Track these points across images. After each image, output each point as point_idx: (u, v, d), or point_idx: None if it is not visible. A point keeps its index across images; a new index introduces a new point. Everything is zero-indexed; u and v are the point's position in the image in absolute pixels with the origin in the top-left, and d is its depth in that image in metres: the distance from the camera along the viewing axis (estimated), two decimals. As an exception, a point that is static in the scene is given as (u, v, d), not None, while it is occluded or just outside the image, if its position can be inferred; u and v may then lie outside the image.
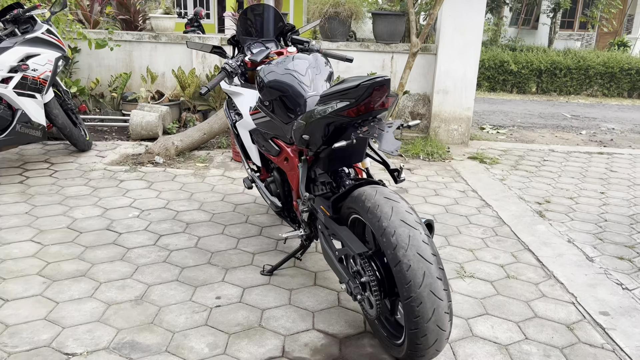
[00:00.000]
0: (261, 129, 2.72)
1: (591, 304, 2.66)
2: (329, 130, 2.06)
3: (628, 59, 11.41)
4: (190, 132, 5.13)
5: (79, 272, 2.74)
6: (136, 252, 3.00)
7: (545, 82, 11.29)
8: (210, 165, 4.76)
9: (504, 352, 2.24)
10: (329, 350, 2.20)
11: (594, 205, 4.20)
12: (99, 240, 3.13)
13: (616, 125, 7.94)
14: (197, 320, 2.37)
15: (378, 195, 1.97)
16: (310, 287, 2.70)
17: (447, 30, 5.69)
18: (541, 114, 8.76)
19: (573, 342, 2.33)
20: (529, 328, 2.43)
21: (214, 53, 3.12)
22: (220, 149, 5.34)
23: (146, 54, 6.26)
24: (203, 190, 4.08)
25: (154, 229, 3.33)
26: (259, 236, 3.28)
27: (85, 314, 2.38)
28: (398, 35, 5.97)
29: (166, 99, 6.03)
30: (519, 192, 4.44)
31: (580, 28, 21.24)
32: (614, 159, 5.76)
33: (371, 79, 1.77)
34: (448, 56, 5.76)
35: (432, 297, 1.80)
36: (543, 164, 5.44)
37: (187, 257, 2.97)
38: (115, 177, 4.25)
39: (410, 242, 1.82)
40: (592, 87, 11.40)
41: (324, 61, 2.67)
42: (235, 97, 2.98)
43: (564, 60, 11.19)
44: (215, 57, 6.17)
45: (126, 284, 2.66)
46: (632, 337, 2.38)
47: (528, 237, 3.46)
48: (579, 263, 3.11)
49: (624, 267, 3.09)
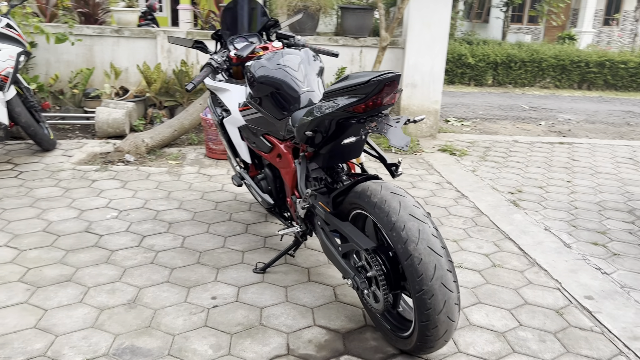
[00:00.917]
0: (252, 126, 2.68)
1: (575, 289, 2.77)
2: (334, 127, 2.06)
3: (577, 51, 11.88)
4: (161, 129, 5.01)
5: (63, 277, 2.64)
6: (121, 254, 2.91)
7: (501, 75, 11.61)
8: (184, 162, 4.66)
9: (502, 339, 2.30)
10: (333, 346, 2.20)
11: (563, 193, 4.36)
12: (79, 243, 3.02)
13: (572, 116, 8.26)
14: (195, 321, 2.33)
15: (384, 191, 1.98)
16: (305, 284, 2.69)
17: (414, 25, 5.76)
18: (501, 105, 9.01)
19: (564, 327, 2.42)
20: (522, 315, 2.50)
21: (195, 48, 3.05)
22: (192, 145, 5.24)
23: (108, 49, 6.05)
24: (180, 188, 4.00)
25: (136, 229, 3.23)
26: (246, 234, 3.25)
27: (78, 320, 2.30)
28: (366, 29, 6.00)
29: (131, 95, 5.86)
30: (491, 182, 4.56)
31: (529, 22, 21.95)
32: (574, 149, 5.99)
33: (381, 74, 1.78)
34: (416, 50, 5.83)
35: (443, 289, 1.83)
36: (509, 154, 5.61)
37: (175, 257, 2.91)
38: (86, 177, 4.11)
39: (420, 236, 1.84)
40: (545, 79, 11.80)
41: (314, 56, 2.66)
42: (221, 93, 2.92)
43: (519, 53, 11.54)
44: (182, 52, 6.04)
45: (116, 287, 2.58)
46: (618, 319, 2.49)
47: (507, 226, 3.56)
48: (558, 250, 3.23)
49: (600, 253, 3.23)
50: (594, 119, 8.10)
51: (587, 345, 2.28)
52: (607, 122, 7.95)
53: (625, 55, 11.85)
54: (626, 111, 9.01)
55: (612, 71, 11.73)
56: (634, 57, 11.77)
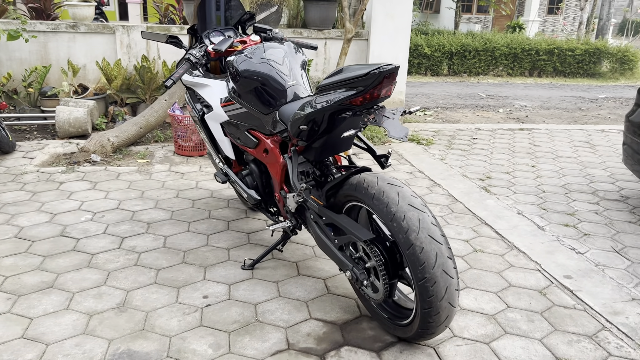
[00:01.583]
0: (236, 121, 2.65)
1: (554, 269, 2.88)
2: (329, 120, 2.06)
3: (528, 40, 12.26)
4: (126, 127, 4.87)
5: (45, 284, 2.55)
6: (102, 258, 2.82)
7: (456, 64, 11.86)
8: (153, 160, 4.55)
9: (493, 321, 2.37)
10: (332, 338, 2.22)
11: (530, 178, 4.51)
12: (56, 248, 2.91)
13: (527, 103, 8.54)
14: (190, 322, 2.29)
15: (381, 182, 2.00)
16: (295, 278, 2.69)
17: (378, 16, 5.80)
18: (459, 94, 9.21)
19: (549, 306, 2.52)
20: (508, 297, 2.59)
21: (169, 43, 2.99)
22: (158, 142, 5.13)
23: (64, 45, 5.83)
24: (153, 187, 3.91)
25: (114, 231, 3.15)
26: (228, 231, 3.21)
27: (67, 327, 2.22)
28: (330, 21, 6.00)
29: (91, 93, 5.67)
30: (461, 170, 4.67)
31: (478, 12, 22.49)
32: (534, 134, 6.20)
33: (380, 67, 1.79)
34: (380, 41, 5.89)
35: (445, 276, 1.87)
36: (474, 142, 5.75)
37: (159, 258, 2.85)
38: (52, 180, 3.96)
39: (420, 225, 1.87)
40: (498, 68, 12.13)
41: (296, 49, 2.65)
42: (200, 89, 2.87)
43: (473, 42, 11.81)
44: (142, 47, 5.88)
45: (102, 291, 2.50)
46: (597, 296, 2.61)
47: (482, 212, 3.66)
48: (533, 233, 3.34)
49: (572, 233, 3.37)
50: (548, 105, 8.40)
51: (572, 323, 2.38)
52: (561, 107, 8.26)
53: (572, 43, 12.31)
54: (577, 97, 9.39)
55: (561, 58, 12.17)
56: (580, 45, 12.25)
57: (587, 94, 9.81)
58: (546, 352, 2.16)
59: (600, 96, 9.53)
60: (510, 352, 2.16)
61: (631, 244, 3.22)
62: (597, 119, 7.44)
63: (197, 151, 4.69)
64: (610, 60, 12.54)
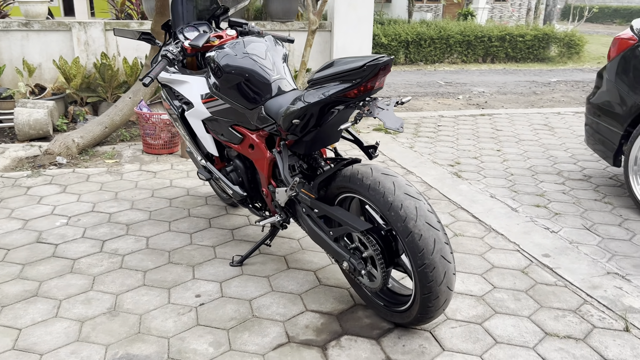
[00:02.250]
0: (219, 117, 2.62)
1: (532, 249, 2.99)
2: (322, 113, 2.07)
3: (480, 27, 12.56)
4: (91, 127, 4.73)
5: (28, 293, 2.46)
6: (85, 262, 2.75)
7: (413, 53, 12.03)
8: (122, 160, 4.45)
9: (482, 302, 2.46)
10: (331, 328, 2.24)
11: (497, 162, 4.65)
12: (34, 255, 2.82)
13: (485, 89, 8.77)
14: (186, 322, 2.27)
15: (375, 172, 2.03)
16: (286, 271, 2.70)
17: (340, 7, 5.83)
18: (418, 82, 9.37)
19: (532, 284, 2.62)
20: (493, 278, 2.68)
21: (142, 40, 2.94)
22: (125, 142, 5.00)
23: (17, 44, 5.59)
24: (126, 188, 3.82)
25: (93, 235, 3.07)
26: (211, 228, 3.18)
27: (59, 335, 2.16)
28: (293, 13, 5.98)
29: (49, 93, 5.47)
30: (430, 157, 4.76)
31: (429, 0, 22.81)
32: (495, 119, 6.38)
33: (375, 59, 1.81)
34: (343, 32, 5.91)
35: (443, 261, 1.92)
36: (439, 129, 5.87)
37: (143, 259, 2.80)
38: (19, 185, 3.81)
39: (418, 213, 1.91)
40: (452, 55, 12.39)
41: (277, 43, 2.64)
42: (178, 86, 2.82)
43: (427, 31, 12.00)
44: (101, 44, 5.71)
45: (90, 296, 2.45)
46: (576, 272, 2.73)
47: (457, 197, 3.76)
48: (508, 215, 3.46)
49: (543, 214, 3.50)
50: (505, 90, 8.65)
51: (556, 299, 2.49)
52: (517, 92, 8.53)
53: (522, 29, 12.69)
54: (530, 81, 9.70)
55: (512, 44, 12.53)
56: (530, 31, 12.64)
57: (540, 78, 10.15)
58: (536, 328, 2.26)
59: (552, 80, 9.89)
60: (503, 330, 2.24)
61: (599, 220, 3.38)
62: (552, 102, 7.72)
63: (167, 149, 4.61)
64: (558, 45, 13.00)
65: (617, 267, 2.79)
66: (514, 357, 2.07)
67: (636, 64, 3.55)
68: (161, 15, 4.78)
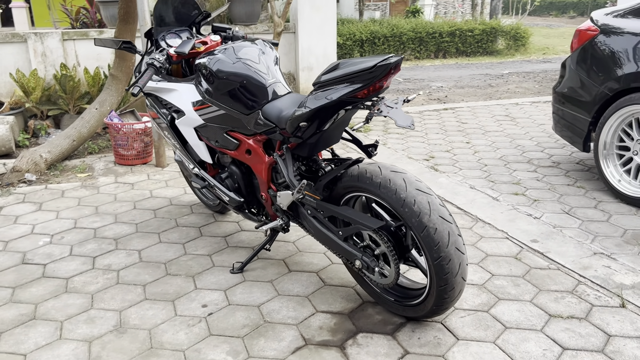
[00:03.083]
0: (213, 124, 2.59)
1: (520, 235, 3.10)
2: (329, 115, 2.08)
3: (431, 24, 12.85)
4: (58, 141, 4.57)
5: (25, 317, 2.37)
6: (79, 280, 2.67)
7: (368, 51, 12.17)
8: (95, 173, 4.32)
9: (484, 290, 2.53)
10: (344, 327, 2.26)
11: (468, 154, 4.79)
12: (22, 277, 2.70)
13: (442, 84, 8.98)
14: (198, 332, 2.24)
15: (385, 170, 2.06)
16: (288, 275, 2.70)
17: (304, 9, 5.84)
18: (377, 80, 9.48)
19: (527, 270, 2.72)
20: (489, 266, 2.76)
21: (123, 49, 2.88)
22: (94, 154, 4.85)
23: (-32, 58, 5.33)
24: (106, 201, 3.71)
25: (81, 252, 2.97)
26: (203, 237, 3.14)
27: (69, 357, 2.09)
28: (256, 16, 5.96)
29: (7, 108, 5.24)
30: (405, 152, 4.85)
31: (375, -1, 23.11)
32: (458, 113, 6.55)
33: (386, 59, 1.84)
34: (308, 34, 5.94)
35: (458, 253, 1.97)
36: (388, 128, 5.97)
37: (140, 273, 2.74)
38: (-11, 205, 3.64)
39: (431, 207, 1.96)
40: (406, 52, 12.61)
41: (267, 46, 2.63)
42: (165, 94, 2.77)
43: (381, 29, 12.18)
44: (59, 54, 5.51)
45: (92, 315, 2.37)
46: (565, 255, 2.85)
47: (439, 190, 3.84)
48: (490, 204, 3.57)
49: (523, 201, 3.63)
50: (462, 84, 8.89)
51: (552, 282, 2.60)
52: (473, 85, 8.78)
53: (470, 24, 13.06)
54: (484, 74, 10.01)
55: (462, 39, 12.88)
56: (478, 25, 13.03)
57: (492, 70, 10.49)
58: (539, 311, 2.35)
59: (504, 72, 10.23)
60: (509, 316, 2.32)
61: (576, 204, 3.54)
62: (508, 94, 7.99)
63: (141, 159, 4.50)
64: (505, 37, 13.45)
65: (602, 247, 2.93)
66: (525, 341, 2.15)
67: (599, 54, 3.73)
68: (125, 23, 4.67)
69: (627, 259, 2.78)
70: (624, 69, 3.51)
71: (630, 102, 3.43)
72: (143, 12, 4.01)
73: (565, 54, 12.73)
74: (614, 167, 3.66)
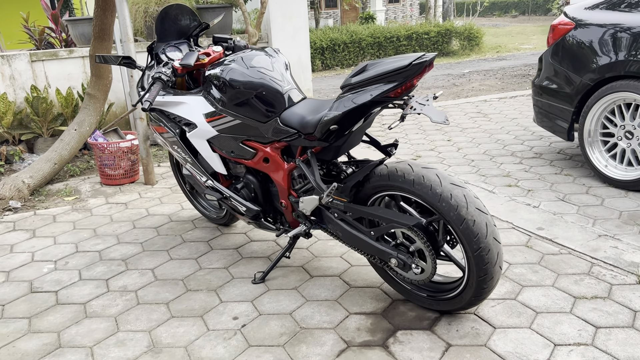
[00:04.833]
0: (228, 134, 2.57)
1: (525, 224, 3.20)
2: (359, 117, 2.10)
3: (389, 28, 13.10)
4: (39, 166, 4.41)
5: (50, 346, 2.27)
6: (97, 304, 2.58)
7: (329, 59, 12.30)
8: (82, 196, 4.18)
9: (507, 278, 2.60)
10: (382, 326, 2.28)
11: (452, 151, 4.90)
12: (36, 306, 2.60)
13: (409, 86, 9.14)
14: (237, 345, 2.21)
15: (416, 168, 2.10)
16: (311, 280, 2.69)
17: (276, 19, 5.86)
18: (345, 86, 9.58)
19: (541, 256, 2.81)
20: (505, 255, 2.84)
21: (122, 65, 2.83)
22: (75, 177, 4.71)
23: None
24: (103, 223, 3.61)
25: (91, 275, 2.88)
26: (214, 250, 3.09)
27: (109, 383, 2.02)
28: (228, 27, 5.93)
29: (-23, 135, 5.01)
30: (391, 154, 4.91)
31: (327, 7, 23.40)
32: (432, 113, 6.68)
33: (420, 57, 1.88)
34: (281, 43, 5.95)
35: (496, 242, 2.02)
36: (383, 126, 6.07)
37: (159, 292, 2.67)
38: (-22, 236, 3.48)
39: (467, 200, 2.01)
40: (366, 57, 12.80)
41: (277, 53, 2.63)
42: (173, 108, 2.73)
43: (340, 36, 12.32)
44: (29, 76, 5.32)
45: (121, 338, 2.30)
46: (573, 239, 2.96)
47: (435, 187, 3.91)
48: (489, 197, 3.67)
49: (517, 192, 3.75)
50: (427, 85, 9.09)
51: (567, 266, 2.69)
52: (438, 85, 8.99)
53: (425, 27, 13.38)
54: (446, 74, 10.26)
55: (419, 42, 13.18)
56: (433, 28, 13.37)
57: (453, 70, 10.77)
58: (564, 294, 2.43)
59: (464, 71, 10.52)
60: (537, 301, 2.39)
61: (568, 191, 3.68)
62: (474, 92, 8.22)
63: (129, 178, 4.40)
64: (459, 38, 13.85)
65: (604, 229, 3.06)
66: (559, 323, 2.22)
67: (575, 47, 3.91)
68: (101, 40, 4.56)
69: (631, 239, 2.91)
70: (599, 60, 3.68)
71: (612, 90, 3.60)
72: (125, 28, 3.94)
73: (517, 52, 13.23)
74: (599, 154, 3.83)
